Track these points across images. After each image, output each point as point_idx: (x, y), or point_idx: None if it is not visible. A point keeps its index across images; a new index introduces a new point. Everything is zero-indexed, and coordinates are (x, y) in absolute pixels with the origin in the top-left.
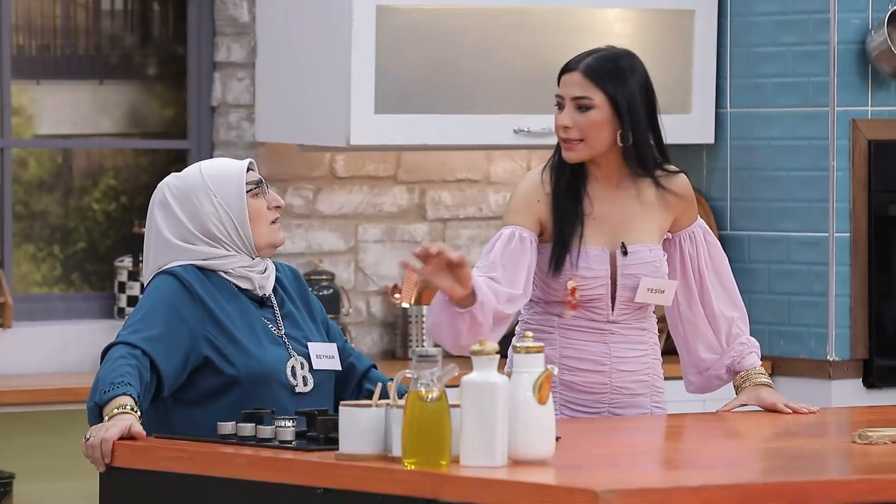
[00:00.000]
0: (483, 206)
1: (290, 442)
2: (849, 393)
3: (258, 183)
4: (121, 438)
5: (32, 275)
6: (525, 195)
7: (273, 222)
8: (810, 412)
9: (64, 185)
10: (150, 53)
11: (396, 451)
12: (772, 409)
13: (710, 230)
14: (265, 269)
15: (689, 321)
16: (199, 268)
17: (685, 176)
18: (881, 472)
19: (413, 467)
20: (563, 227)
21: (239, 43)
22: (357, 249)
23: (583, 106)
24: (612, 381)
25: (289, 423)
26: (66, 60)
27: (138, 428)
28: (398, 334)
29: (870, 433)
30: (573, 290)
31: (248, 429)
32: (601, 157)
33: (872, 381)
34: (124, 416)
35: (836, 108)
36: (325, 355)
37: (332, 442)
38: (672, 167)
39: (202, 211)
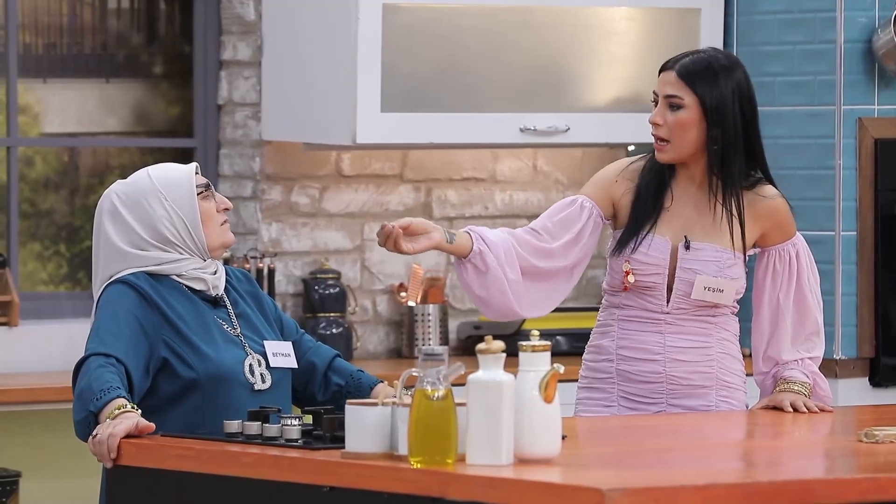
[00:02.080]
0: (489, 205)
1: (296, 440)
2: (855, 392)
3: (207, 186)
4: (128, 436)
5: (38, 273)
6: (606, 172)
7: (223, 223)
8: (811, 411)
9: (70, 183)
10: (156, 52)
11: (402, 449)
12: (777, 407)
13: (806, 252)
14: (216, 271)
15: (758, 332)
16: (150, 273)
17: (781, 200)
18: (887, 471)
19: (419, 466)
20: (637, 217)
21: (245, 41)
22: (363, 248)
23: (674, 105)
24: (667, 370)
25: (295, 422)
26: (72, 59)
27: (146, 422)
28: (404, 333)
29: (876, 432)
30: (627, 272)
31: (254, 427)
32: (690, 158)
33: (878, 379)
34: (128, 415)
35: (842, 107)
36: (281, 353)
37: (338, 440)
38: (769, 187)
39: (154, 215)
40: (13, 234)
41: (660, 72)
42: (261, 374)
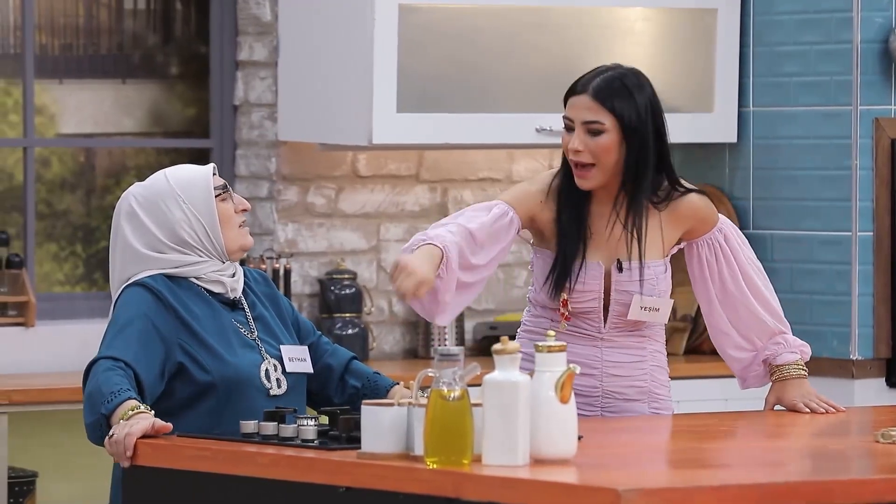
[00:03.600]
0: None
1: (312, 441)
2: (871, 392)
3: (224, 187)
4: (144, 436)
5: (55, 274)
6: (532, 192)
7: (241, 225)
8: (828, 412)
9: (86, 184)
10: (172, 52)
11: (418, 449)
12: (792, 410)
13: (733, 233)
14: (234, 273)
15: (715, 326)
16: (168, 276)
17: (696, 195)
18: None
19: (435, 466)
20: (566, 253)
21: (261, 42)
22: (379, 248)
23: (593, 130)
24: (604, 385)
25: (311, 422)
26: (88, 59)
27: (162, 423)
28: (420, 333)
29: (893, 432)
30: (564, 301)
31: (270, 427)
32: (610, 179)
33: (895, 380)
34: (143, 415)
35: (858, 107)
36: (297, 358)
37: (354, 441)
38: (680, 187)
39: (172, 218)
40: (30, 234)
41: (568, 96)
42: (276, 379)
